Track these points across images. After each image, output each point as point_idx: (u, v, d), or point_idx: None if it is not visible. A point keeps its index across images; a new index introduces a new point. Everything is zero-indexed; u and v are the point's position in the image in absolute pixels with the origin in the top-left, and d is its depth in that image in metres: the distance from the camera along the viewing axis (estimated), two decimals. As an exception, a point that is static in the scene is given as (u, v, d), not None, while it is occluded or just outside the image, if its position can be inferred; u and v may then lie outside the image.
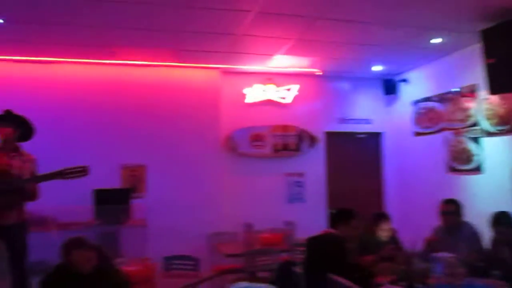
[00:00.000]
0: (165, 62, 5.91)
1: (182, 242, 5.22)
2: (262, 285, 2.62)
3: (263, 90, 6.55)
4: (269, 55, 5.77)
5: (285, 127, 6.57)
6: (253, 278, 4.86)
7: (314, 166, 6.69)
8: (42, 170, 3.75)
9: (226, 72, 6.27)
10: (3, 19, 4.37)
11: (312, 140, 6.69)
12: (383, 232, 4.10)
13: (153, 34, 4.90)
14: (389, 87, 6.95)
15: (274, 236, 5.26)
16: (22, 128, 3.72)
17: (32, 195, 3.60)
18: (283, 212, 6.25)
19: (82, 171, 3.56)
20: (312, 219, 6.14)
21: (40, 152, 4.00)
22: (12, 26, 4.51)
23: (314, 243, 3.57)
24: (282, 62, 6.09)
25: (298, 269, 3.37)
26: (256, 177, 6.41)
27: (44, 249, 4.49)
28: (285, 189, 6.57)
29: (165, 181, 5.75)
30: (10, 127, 3.64)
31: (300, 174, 6.65)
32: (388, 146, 7.13)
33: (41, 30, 4.68)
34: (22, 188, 3.50)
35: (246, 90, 6.49)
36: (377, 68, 6.52)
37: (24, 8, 4.13)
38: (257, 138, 6.41)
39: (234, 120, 6.32)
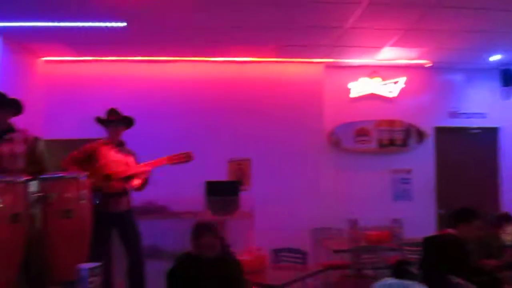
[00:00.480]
0: (268, 58, 6.00)
1: (285, 235, 5.26)
2: (410, 282, 2.55)
3: (368, 84, 6.37)
4: (377, 47, 5.60)
5: (391, 122, 6.33)
6: (358, 275, 4.78)
7: (422, 163, 6.37)
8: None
9: (330, 66, 6.20)
10: (126, 22, 4.75)
11: (420, 135, 6.36)
12: (507, 236, 3.79)
13: (258, 31, 5.02)
14: (508, 77, 6.38)
15: (380, 234, 5.11)
16: (129, 126, 4.03)
17: (142, 184, 3.89)
18: (388, 209, 6.03)
19: (187, 157, 3.79)
20: (419, 218, 5.87)
21: (155, 146, 4.32)
22: (132, 29, 4.89)
23: (433, 243, 3.42)
24: (389, 54, 5.87)
25: (413, 269, 3.23)
26: (360, 173, 6.27)
27: (158, 235, 4.84)
28: (391, 186, 6.34)
29: (269, 175, 5.85)
30: (123, 125, 3.97)
31: (407, 171, 6.37)
32: (505, 142, 6.55)
33: (157, 32, 5.02)
34: (133, 177, 3.80)
35: (350, 84, 6.37)
36: (495, 57, 6.01)
37: (145, 12, 4.46)
38: (361, 133, 6.27)
39: (337, 114, 6.23)
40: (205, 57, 5.92)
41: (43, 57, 5.89)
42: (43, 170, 3.49)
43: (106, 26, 4.78)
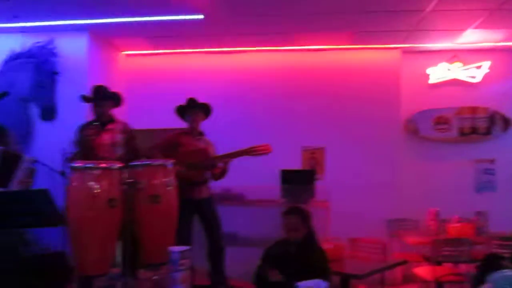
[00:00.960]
0: (343, 45, 5.88)
1: (361, 225, 5.19)
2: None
3: (448, 69, 6.05)
4: (459, 30, 5.29)
5: (473, 109, 5.99)
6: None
7: (508, 153, 5.96)
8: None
9: (408, 51, 5.96)
10: (203, 15, 4.86)
11: (506, 123, 5.96)
12: None
13: (334, 18, 4.92)
14: None
15: (463, 227, 4.87)
16: (207, 114, 4.12)
17: (222, 173, 3.98)
18: (470, 201, 5.72)
19: (265, 149, 3.83)
20: (505, 211, 5.52)
21: (228, 135, 4.40)
22: (209, 21, 4.99)
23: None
24: (471, 37, 5.53)
25: (507, 263, 3.04)
26: (439, 163, 6.00)
27: (234, 223, 4.93)
28: (473, 177, 6.01)
29: (343, 164, 5.77)
30: (202, 114, 4.07)
31: (491, 161, 6.00)
32: None
33: (234, 23, 5.10)
34: (214, 166, 3.89)
35: (429, 70, 6.09)
36: None
37: (222, 4, 4.54)
38: (441, 121, 5.98)
39: (415, 101, 5.99)
40: (280, 46, 5.91)
41: (124, 51, 6.20)
42: (138, 158, 3.71)
43: (184, 19, 4.93)
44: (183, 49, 6.02)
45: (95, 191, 2.99)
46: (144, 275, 4.22)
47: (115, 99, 3.82)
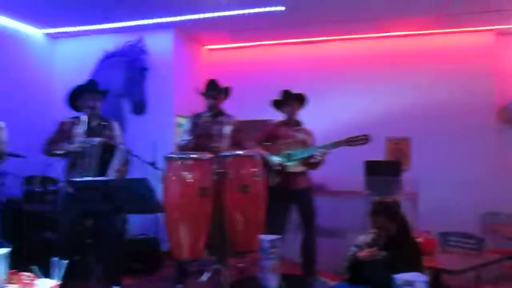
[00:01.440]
0: (430, 30, 5.58)
1: (451, 219, 4.92)
2: None
3: (551, 51, 5.54)
4: None
5: None
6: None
7: None
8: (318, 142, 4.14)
9: (502, 33, 5.52)
10: (284, 6, 4.86)
11: None
12: None
13: (420, 0, 4.70)
14: None
15: None
16: (302, 104, 4.10)
17: (319, 163, 3.95)
18: None
19: (364, 139, 3.76)
20: None
21: (312, 125, 4.35)
22: (291, 11, 4.98)
23: None
24: None
25: None
26: (537, 154, 5.52)
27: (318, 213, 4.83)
28: None
29: (431, 155, 5.50)
30: (298, 104, 4.07)
31: None
32: None
33: (315, 12, 5.04)
34: (312, 156, 3.87)
35: (529, 52, 5.61)
36: None
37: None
38: (542, 109, 5.49)
39: (511, 88, 5.54)
40: (363, 34, 5.77)
41: (207, 45, 6.39)
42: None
43: (265, 11, 4.96)
44: (265, 41, 6.09)
45: (188, 180, 3.12)
46: (233, 263, 4.38)
47: (226, 93, 3.96)
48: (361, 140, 3.76)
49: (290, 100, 4.04)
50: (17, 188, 4.48)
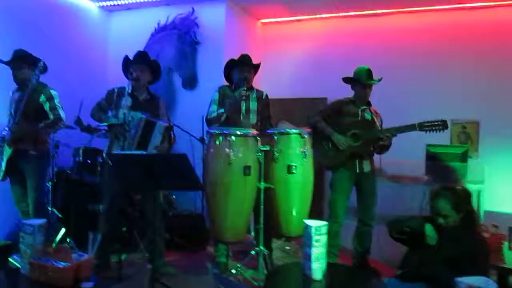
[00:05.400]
0: (503, 1, 4.96)
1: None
2: None
3: None
4: None
5: None
6: None
7: None
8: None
9: None
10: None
11: None
12: None
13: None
14: None
15: None
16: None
17: (387, 146, 3.67)
18: None
19: (441, 125, 3.42)
20: None
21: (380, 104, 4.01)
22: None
23: None
24: None
25: None
26: None
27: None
28: None
29: (501, 140, 4.96)
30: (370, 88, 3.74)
31: None
32: None
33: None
34: (380, 139, 3.57)
35: None
36: None
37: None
38: None
39: None
40: (431, 6, 5.24)
41: (261, 19, 6.13)
42: (271, 126, 3.64)
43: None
44: (321, 14, 5.73)
45: (231, 158, 2.96)
46: (279, 245, 4.22)
47: (257, 69, 3.80)
48: (437, 125, 3.39)
49: (369, 82, 3.66)
50: (69, 159, 4.54)
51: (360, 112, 3.68)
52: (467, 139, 5.15)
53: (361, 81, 3.64)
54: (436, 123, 3.39)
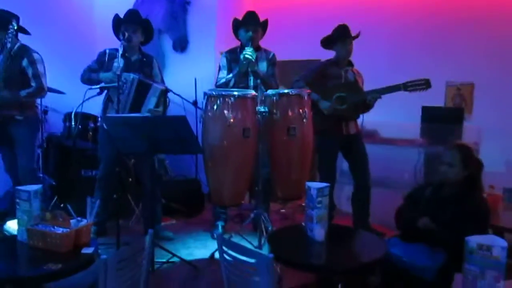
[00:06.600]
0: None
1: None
2: None
3: None
4: None
5: None
6: None
7: None
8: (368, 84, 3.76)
9: None
10: None
11: None
12: None
13: None
14: None
15: None
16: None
17: (366, 108, 3.63)
18: None
19: (424, 84, 3.38)
20: None
21: (365, 65, 3.94)
22: None
23: None
24: None
25: None
26: None
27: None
28: None
29: (496, 103, 4.92)
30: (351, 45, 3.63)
31: None
32: None
33: None
34: (365, 101, 3.51)
35: None
36: None
37: None
38: None
39: None
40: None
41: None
42: (273, 88, 3.51)
43: None
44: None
45: (229, 120, 2.88)
46: (276, 208, 4.21)
47: (265, 27, 3.69)
48: (420, 84, 3.37)
49: (347, 38, 3.57)
50: (59, 124, 4.42)
51: (343, 74, 3.60)
52: (461, 101, 5.14)
53: (342, 37, 3.55)
54: (419, 82, 3.36)
